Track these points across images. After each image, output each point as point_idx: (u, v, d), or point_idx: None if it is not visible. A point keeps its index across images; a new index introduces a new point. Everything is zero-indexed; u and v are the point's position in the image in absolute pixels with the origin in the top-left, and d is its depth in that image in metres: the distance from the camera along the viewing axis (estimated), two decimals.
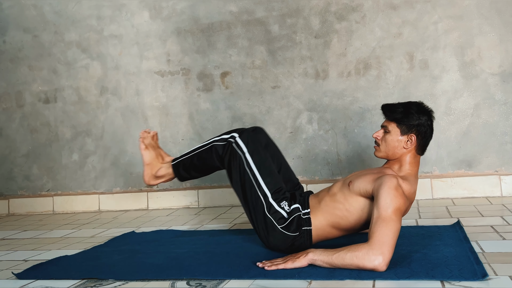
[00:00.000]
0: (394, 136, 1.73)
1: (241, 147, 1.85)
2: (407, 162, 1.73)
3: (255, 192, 1.80)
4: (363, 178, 1.70)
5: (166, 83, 3.20)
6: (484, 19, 2.72)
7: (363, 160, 2.88)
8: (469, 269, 1.41)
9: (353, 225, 1.73)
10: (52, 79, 3.40)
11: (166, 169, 2.05)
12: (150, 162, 2.06)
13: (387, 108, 1.77)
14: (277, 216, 1.76)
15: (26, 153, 3.45)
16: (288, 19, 2.99)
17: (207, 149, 1.93)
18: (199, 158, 1.96)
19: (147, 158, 2.06)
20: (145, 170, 2.07)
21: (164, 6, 3.18)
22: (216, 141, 1.93)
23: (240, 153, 1.85)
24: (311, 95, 2.96)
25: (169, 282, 1.54)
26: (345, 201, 1.71)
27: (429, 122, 1.73)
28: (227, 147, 1.88)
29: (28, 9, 3.42)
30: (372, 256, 1.43)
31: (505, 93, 2.70)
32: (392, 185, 1.56)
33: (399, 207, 1.53)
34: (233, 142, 1.87)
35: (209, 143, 1.95)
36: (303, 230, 1.74)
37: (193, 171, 2.00)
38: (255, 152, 1.84)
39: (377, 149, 1.78)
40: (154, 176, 2.07)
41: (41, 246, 2.28)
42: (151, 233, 2.36)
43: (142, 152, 2.06)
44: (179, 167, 2.02)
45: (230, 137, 1.89)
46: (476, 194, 2.70)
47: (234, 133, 1.90)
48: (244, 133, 1.89)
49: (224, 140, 1.91)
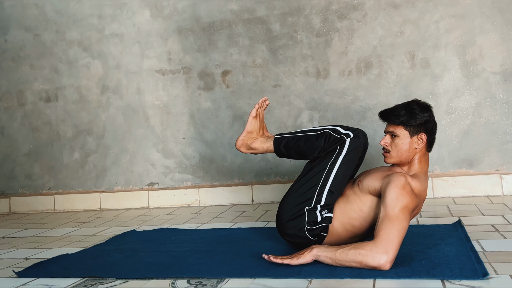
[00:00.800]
0: (404, 139, 1.70)
1: (344, 147, 1.77)
2: (417, 161, 1.72)
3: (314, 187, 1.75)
4: (371, 176, 1.70)
5: (167, 82, 3.20)
6: (485, 18, 2.71)
7: (364, 159, 2.87)
8: (470, 268, 1.41)
9: (363, 225, 1.70)
10: (53, 78, 3.40)
11: (262, 143, 1.97)
12: (252, 130, 1.98)
13: (389, 114, 1.75)
14: (311, 217, 1.74)
15: (28, 152, 3.46)
16: (289, 18, 2.98)
17: (318, 134, 1.83)
18: (307, 141, 1.85)
19: (251, 126, 1.97)
20: (242, 135, 1.98)
21: (165, 5, 3.18)
22: (330, 129, 1.83)
23: (338, 150, 1.78)
24: (312, 94, 2.96)
25: (170, 280, 1.54)
26: (358, 200, 1.70)
27: (432, 117, 1.73)
28: (339, 141, 1.78)
29: (29, 8, 3.42)
30: (377, 255, 1.43)
31: (506, 92, 2.70)
32: (400, 184, 1.55)
33: (406, 206, 1.52)
34: (343, 140, 1.78)
35: (322, 128, 1.85)
36: (320, 235, 1.73)
37: (294, 152, 1.90)
38: (348, 162, 1.77)
39: (388, 155, 1.74)
40: (247, 145, 1.98)
41: (42, 245, 2.28)
42: (152, 232, 2.36)
43: (250, 118, 1.98)
44: (281, 142, 1.92)
45: (345, 136, 1.78)
46: (477, 193, 2.70)
47: (350, 131, 1.80)
48: (355, 139, 1.78)
49: (337, 133, 1.80)
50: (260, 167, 3.06)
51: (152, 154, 3.24)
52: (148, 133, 3.24)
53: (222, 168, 3.11)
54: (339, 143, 1.77)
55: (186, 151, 3.18)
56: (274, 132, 3.01)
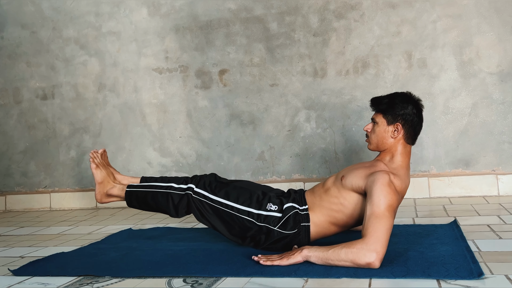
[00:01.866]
0: (381, 126, 1.76)
1: (202, 193, 1.86)
2: (398, 152, 1.75)
3: (239, 218, 1.80)
4: (355, 173, 1.71)
5: (164, 80, 3.19)
6: (483, 18, 2.72)
7: (361, 159, 2.88)
8: (465, 268, 1.42)
9: (348, 220, 1.74)
10: (50, 76, 3.39)
11: (119, 191, 2.06)
12: (102, 180, 2.08)
13: (374, 100, 1.82)
14: (270, 219, 1.76)
15: (24, 150, 3.45)
16: (287, 17, 2.98)
17: (163, 193, 1.93)
18: (154, 199, 1.95)
19: (98, 176, 2.08)
20: (97, 189, 2.08)
21: (163, 3, 3.18)
22: (173, 189, 1.92)
23: (204, 200, 1.86)
24: (309, 93, 2.96)
25: (166, 279, 1.54)
26: (339, 195, 1.73)
27: (414, 110, 1.76)
28: (184, 198, 1.89)
29: (26, 5, 3.41)
30: (367, 253, 1.44)
31: (503, 93, 2.71)
32: (385, 182, 1.58)
33: (391, 204, 1.54)
34: (191, 193, 1.88)
35: (166, 187, 1.94)
36: (301, 226, 1.74)
37: (145, 206, 2.01)
38: (216, 189, 1.86)
39: (368, 141, 1.82)
40: (106, 195, 2.09)
41: (38, 243, 2.27)
42: (148, 230, 2.36)
43: (93, 171, 2.09)
44: (132, 196, 2.01)
45: (187, 189, 1.89)
46: (473, 193, 2.71)
47: (191, 183, 1.91)
48: (201, 181, 1.90)
49: (181, 190, 1.91)
50: (257, 166, 3.06)
51: (148, 152, 3.23)
52: (145, 131, 3.24)
53: (219, 167, 3.11)
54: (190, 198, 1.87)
55: (183, 149, 3.18)
56: (271, 131, 3.01)
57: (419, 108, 1.78)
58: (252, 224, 1.78)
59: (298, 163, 2.98)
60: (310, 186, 2.88)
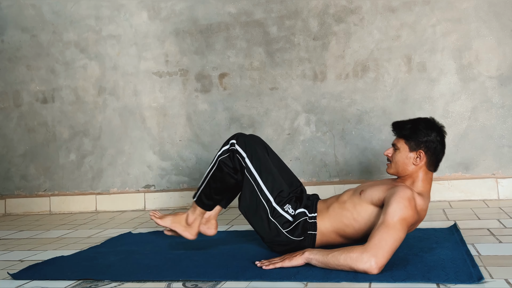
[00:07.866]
0: (403, 153, 1.71)
1: (240, 152, 1.80)
2: (420, 179, 1.70)
3: (257, 196, 1.76)
4: (376, 187, 1.70)
5: (164, 84, 3.19)
6: (482, 22, 2.72)
7: (360, 162, 2.88)
8: (465, 272, 1.42)
9: (357, 234, 1.72)
10: (50, 79, 3.39)
11: (193, 212, 1.93)
12: (173, 221, 1.94)
13: (396, 125, 1.76)
14: (282, 220, 1.74)
15: (23, 153, 3.45)
16: (287, 21, 2.99)
17: (217, 167, 1.84)
18: (215, 179, 1.85)
19: (168, 222, 1.93)
20: (180, 232, 1.93)
21: (163, 7, 3.18)
22: (220, 155, 1.84)
23: (240, 159, 1.80)
24: (309, 97, 2.96)
25: (165, 283, 1.54)
26: (353, 210, 1.71)
27: (438, 138, 1.71)
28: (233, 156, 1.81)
29: (26, 8, 3.41)
30: (365, 258, 1.43)
31: (502, 96, 2.71)
32: (406, 196, 1.55)
33: (406, 218, 1.52)
34: (234, 149, 1.81)
35: (215, 161, 1.86)
36: (308, 234, 1.73)
37: (215, 195, 1.88)
38: (254, 156, 1.79)
39: (389, 166, 1.76)
40: (189, 226, 1.93)
41: (38, 247, 2.27)
42: (148, 234, 2.35)
43: (161, 224, 1.93)
44: (202, 198, 1.90)
45: (230, 146, 1.82)
46: (473, 197, 2.71)
47: (232, 139, 1.83)
48: (240, 138, 1.83)
49: (227, 151, 1.83)
50: None
51: (148, 156, 3.23)
52: (145, 135, 3.24)
53: None
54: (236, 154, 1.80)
55: (183, 153, 3.18)
56: (270, 135, 3.01)
57: (443, 135, 1.73)
58: (264, 212, 1.75)
59: (298, 167, 2.98)
60: (309, 190, 2.87)
